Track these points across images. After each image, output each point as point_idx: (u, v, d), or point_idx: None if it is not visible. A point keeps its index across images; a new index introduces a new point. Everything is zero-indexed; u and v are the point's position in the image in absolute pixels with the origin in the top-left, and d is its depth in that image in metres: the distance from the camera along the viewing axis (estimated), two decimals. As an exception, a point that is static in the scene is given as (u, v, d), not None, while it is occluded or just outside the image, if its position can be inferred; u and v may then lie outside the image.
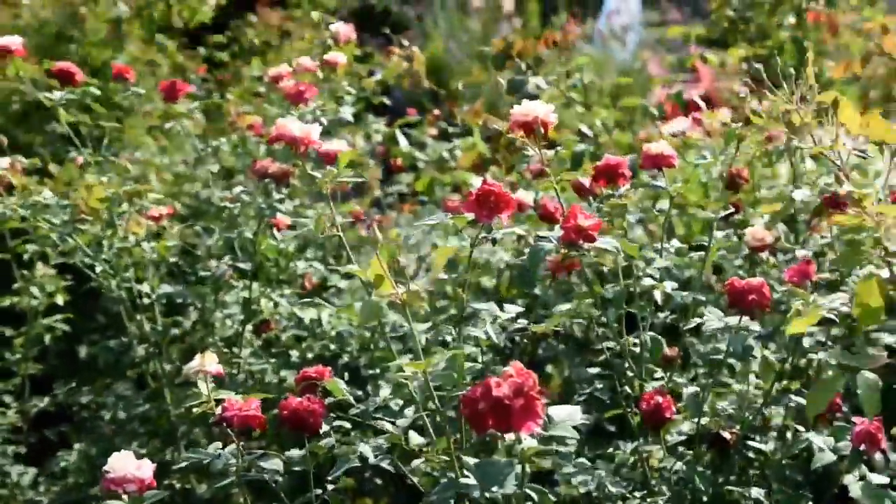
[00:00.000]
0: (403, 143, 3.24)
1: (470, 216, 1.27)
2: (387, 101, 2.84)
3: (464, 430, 1.34)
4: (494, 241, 1.26)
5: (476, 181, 3.21)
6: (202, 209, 2.97)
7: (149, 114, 3.58)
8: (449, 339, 1.67)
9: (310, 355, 2.32)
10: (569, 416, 1.16)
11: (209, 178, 2.55)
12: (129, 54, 3.65)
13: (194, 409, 1.49)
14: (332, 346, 2.30)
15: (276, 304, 2.34)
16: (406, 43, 2.74)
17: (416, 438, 1.37)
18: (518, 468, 1.12)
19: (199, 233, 2.42)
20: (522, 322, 1.48)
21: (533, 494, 1.21)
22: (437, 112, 3.90)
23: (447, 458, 1.32)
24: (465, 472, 1.16)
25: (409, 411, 1.42)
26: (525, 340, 2.32)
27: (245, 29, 4.40)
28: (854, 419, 1.54)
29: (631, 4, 7.13)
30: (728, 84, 3.97)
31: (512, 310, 1.40)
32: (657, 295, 1.60)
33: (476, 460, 1.15)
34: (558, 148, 1.45)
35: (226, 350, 2.30)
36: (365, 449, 1.39)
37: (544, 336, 2.31)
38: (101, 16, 3.52)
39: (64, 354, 2.88)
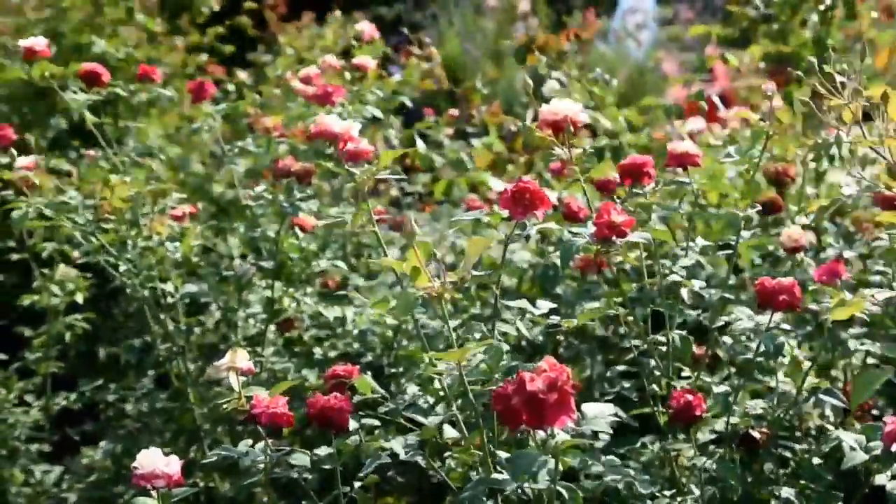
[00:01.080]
0: (421, 145, 3.24)
1: (504, 213, 1.27)
2: (407, 101, 2.84)
3: (495, 426, 1.34)
4: (528, 238, 1.26)
5: (494, 181, 3.22)
6: (220, 209, 2.98)
7: (164, 113, 3.59)
8: (478, 335, 1.67)
9: (332, 354, 2.32)
10: (601, 412, 1.16)
11: (231, 178, 2.56)
12: (145, 53, 3.66)
13: (224, 406, 1.49)
14: (356, 345, 2.30)
15: (299, 303, 2.34)
16: (428, 40, 2.73)
17: (450, 432, 1.36)
18: (551, 463, 1.12)
19: (224, 230, 2.42)
20: (553, 319, 1.48)
21: (563, 492, 1.21)
22: (454, 112, 3.89)
23: (480, 453, 1.32)
24: (498, 469, 1.15)
25: (440, 408, 1.41)
26: (542, 339, 2.32)
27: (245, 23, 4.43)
28: (885, 418, 1.53)
29: (646, 3, 7.13)
30: (744, 83, 3.96)
31: (544, 306, 1.40)
32: (684, 293, 1.59)
33: (508, 455, 1.15)
34: (587, 147, 1.45)
35: (249, 349, 2.30)
36: (395, 445, 1.39)
37: (565, 334, 2.31)
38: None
39: (83, 355, 2.89)
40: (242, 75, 3.81)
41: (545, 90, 2.85)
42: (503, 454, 1.18)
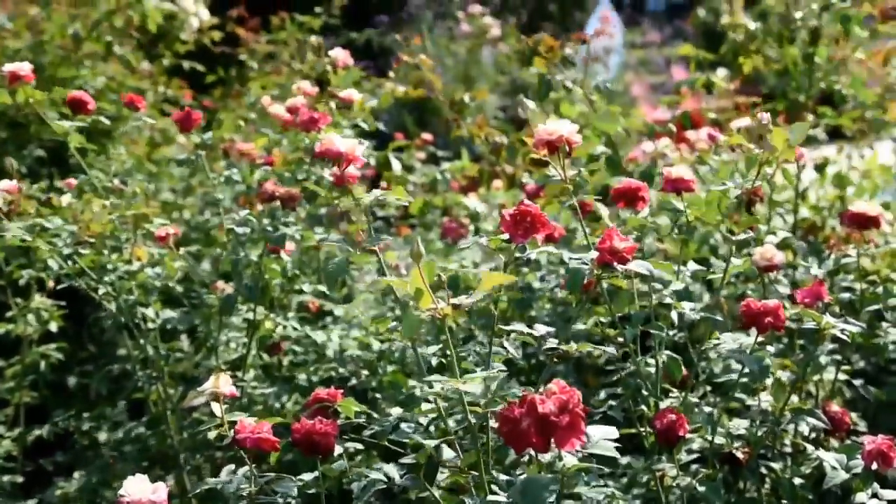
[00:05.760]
0: (397, 166, 3.24)
1: (505, 236, 1.28)
2: (382, 126, 2.85)
3: (489, 449, 1.34)
4: (528, 262, 1.27)
5: (470, 201, 3.25)
6: (194, 235, 2.96)
7: (134, 142, 3.56)
8: (463, 354, 1.67)
9: (315, 379, 2.31)
10: (606, 434, 1.17)
11: (213, 204, 2.54)
12: (114, 80, 3.63)
13: (208, 433, 1.48)
14: (341, 370, 2.29)
15: (284, 328, 2.33)
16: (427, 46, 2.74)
17: (447, 453, 1.36)
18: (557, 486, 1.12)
19: (201, 256, 2.41)
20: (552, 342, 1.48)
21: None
22: (426, 136, 3.93)
23: (475, 472, 1.32)
24: (494, 490, 1.15)
25: (431, 430, 1.41)
26: (522, 360, 2.32)
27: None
28: (864, 438, 1.55)
29: (613, 27, 7.21)
30: (715, 104, 4.02)
31: (542, 329, 1.41)
32: (674, 315, 1.61)
33: (507, 477, 1.15)
34: (581, 170, 1.46)
35: (229, 374, 2.28)
36: (389, 469, 1.38)
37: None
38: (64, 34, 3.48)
39: (53, 385, 2.85)
40: None
41: (524, 110, 2.85)
42: (503, 476, 1.17)
